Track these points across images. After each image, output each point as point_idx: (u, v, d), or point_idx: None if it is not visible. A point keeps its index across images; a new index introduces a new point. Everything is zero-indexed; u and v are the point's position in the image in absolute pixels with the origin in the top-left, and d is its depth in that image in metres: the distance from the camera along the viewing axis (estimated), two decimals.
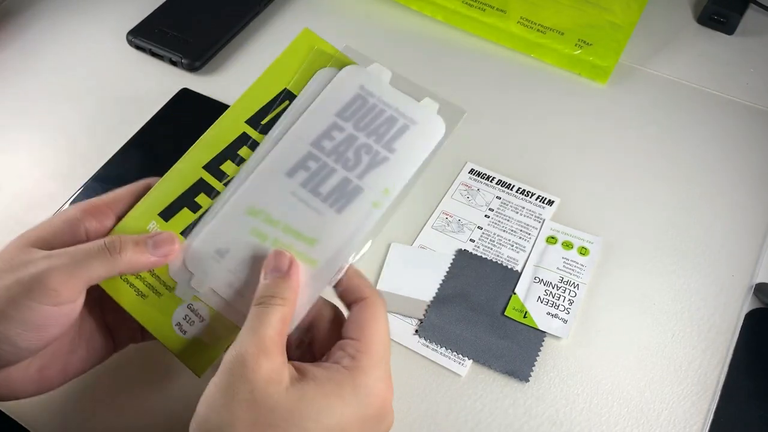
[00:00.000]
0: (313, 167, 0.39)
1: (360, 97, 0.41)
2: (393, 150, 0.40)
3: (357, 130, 0.40)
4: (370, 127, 0.40)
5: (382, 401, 0.34)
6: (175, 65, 0.62)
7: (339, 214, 0.38)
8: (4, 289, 0.32)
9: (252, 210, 0.39)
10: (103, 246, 0.35)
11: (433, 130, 0.40)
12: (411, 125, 0.40)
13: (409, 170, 0.39)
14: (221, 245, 0.38)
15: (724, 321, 0.46)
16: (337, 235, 0.38)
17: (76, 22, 0.67)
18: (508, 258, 0.49)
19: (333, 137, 0.40)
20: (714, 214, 0.52)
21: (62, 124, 0.58)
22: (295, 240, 0.38)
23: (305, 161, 0.39)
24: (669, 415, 0.42)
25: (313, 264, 0.37)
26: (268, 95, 0.42)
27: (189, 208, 0.39)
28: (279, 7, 0.68)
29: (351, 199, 0.39)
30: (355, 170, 0.39)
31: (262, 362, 0.31)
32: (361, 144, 0.40)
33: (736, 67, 0.62)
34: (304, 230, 0.38)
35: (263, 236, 0.38)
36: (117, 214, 0.38)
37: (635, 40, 0.63)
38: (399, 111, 0.41)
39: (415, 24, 0.66)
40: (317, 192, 0.39)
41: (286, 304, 0.34)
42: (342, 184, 0.39)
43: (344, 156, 0.40)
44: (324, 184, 0.39)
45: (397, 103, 0.41)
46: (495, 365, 0.44)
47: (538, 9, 0.64)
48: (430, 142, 0.40)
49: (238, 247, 0.38)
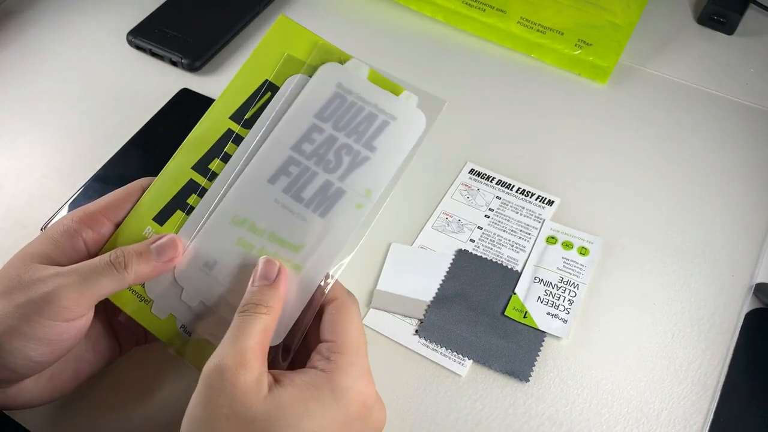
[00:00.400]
0: (294, 172, 0.39)
1: (338, 95, 0.40)
2: (373, 148, 0.39)
3: (336, 130, 0.40)
4: (350, 126, 0.40)
5: (363, 398, 0.34)
6: (175, 65, 0.62)
7: (323, 218, 0.38)
8: (17, 307, 0.33)
9: (236, 219, 0.39)
10: (108, 263, 0.35)
11: (413, 124, 0.40)
12: (391, 121, 0.40)
13: (391, 168, 0.39)
14: (208, 258, 0.38)
15: (724, 321, 0.46)
16: (321, 240, 0.38)
17: (76, 22, 0.67)
18: (508, 258, 0.49)
19: (313, 140, 0.40)
20: (714, 214, 0.52)
21: (62, 124, 0.58)
22: (281, 247, 0.38)
23: (286, 166, 0.39)
24: (669, 415, 0.42)
25: (299, 270, 0.37)
26: (250, 88, 0.41)
27: (182, 210, 0.39)
28: (279, 8, 0.68)
29: (333, 203, 0.39)
30: (336, 172, 0.39)
31: (240, 374, 0.31)
32: (341, 144, 0.39)
33: (736, 67, 0.62)
34: (288, 237, 0.38)
35: (250, 246, 0.38)
36: (112, 220, 0.39)
37: (635, 40, 0.63)
38: (378, 107, 0.40)
39: (415, 24, 0.66)
40: (299, 197, 0.39)
41: (270, 312, 0.34)
42: (324, 187, 0.39)
43: (325, 158, 0.39)
44: (306, 188, 0.39)
45: (376, 99, 0.40)
46: (495, 365, 0.44)
47: (538, 9, 0.64)
48: (411, 138, 0.40)
49: (226, 258, 0.38)
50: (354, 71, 0.41)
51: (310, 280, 0.37)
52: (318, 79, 0.41)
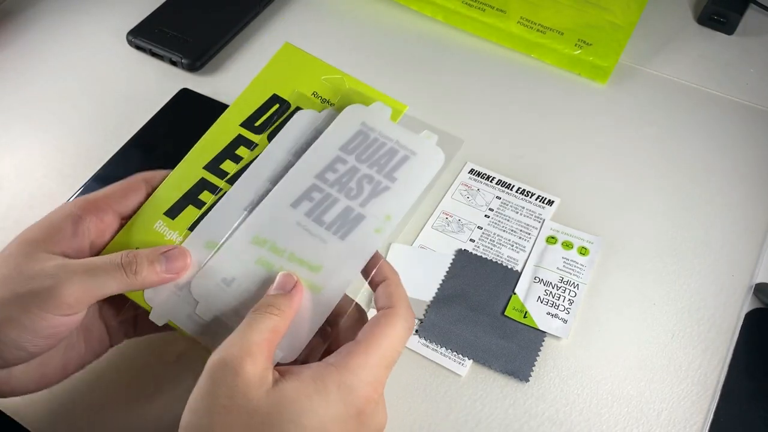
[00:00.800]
0: (317, 198, 0.40)
1: (362, 132, 0.42)
2: (394, 179, 0.41)
3: (359, 162, 0.41)
4: (372, 159, 0.42)
5: (364, 401, 0.33)
6: (175, 65, 0.62)
7: (342, 240, 0.39)
8: (17, 297, 0.33)
9: (257, 239, 0.39)
10: (119, 264, 0.35)
11: (432, 160, 0.41)
12: (411, 156, 0.42)
13: (410, 197, 0.40)
14: (227, 275, 0.39)
15: (724, 321, 0.46)
16: (340, 262, 0.39)
17: (77, 22, 0.67)
18: (508, 258, 0.49)
19: (336, 169, 0.41)
20: (714, 214, 0.52)
21: (62, 124, 0.58)
22: (300, 267, 0.38)
23: (309, 192, 0.41)
24: (669, 415, 0.42)
25: (318, 290, 0.38)
26: (259, 101, 0.43)
27: (194, 205, 0.40)
28: (279, 8, 0.68)
29: (354, 227, 0.40)
30: (358, 199, 0.40)
31: (244, 365, 0.31)
32: (363, 175, 0.41)
33: (736, 67, 0.62)
34: (308, 258, 0.39)
35: (269, 265, 0.39)
36: (116, 210, 0.38)
37: (635, 40, 0.63)
38: (399, 143, 0.42)
39: (415, 24, 0.66)
40: (321, 221, 0.40)
41: (281, 315, 0.34)
42: (345, 212, 0.40)
43: (347, 186, 0.41)
44: (327, 213, 0.40)
45: (398, 136, 0.42)
46: (495, 365, 0.44)
47: (538, 9, 0.64)
48: (430, 172, 0.41)
49: (245, 275, 0.39)
50: (377, 112, 0.43)
51: (327, 300, 0.38)
52: (343, 118, 0.43)
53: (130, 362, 0.43)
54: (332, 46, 0.64)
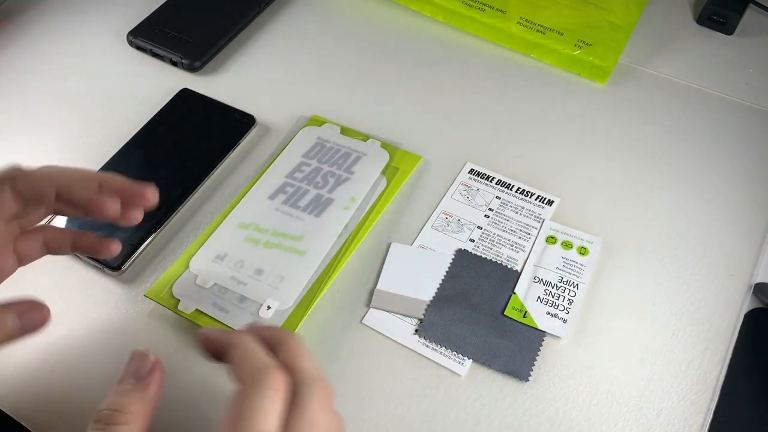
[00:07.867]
0: (290, 191, 0.51)
1: (319, 143, 0.54)
2: (352, 172, 0.52)
3: (321, 163, 0.53)
4: (332, 160, 0.53)
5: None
6: (175, 65, 0.62)
7: (318, 217, 0.49)
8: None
9: (243, 224, 0.49)
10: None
11: (380, 157, 0.53)
12: (363, 156, 0.53)
13: (368, 184, 0.51)
14: (219, 252, 0.48)
15: (724, 321, 0.46)
16: (319, 230, 0.48)
17: (77, 22, 0.67)
18: (507, 258, 0.49)
19: (303, 170, 0.52)
20: (714, 214, 0.52)
21: (62, 124, 0.58)
22: (284, 239, 0.48)
23: (283, 188, 0.51)
24: (668, 415, 0.42)
25: (302, 254, 0.47)
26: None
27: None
28: (279, 8, 0.68)
29: (325, 207, 0.50)
30: (325, 188, 0.51)
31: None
32: (326, 171, 0.52)
33: (735, 67, 0.62)
34: (290, 231, 0.48)
35: (256, 240, 0.48)
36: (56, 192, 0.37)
37: (635, 40, 0.63)
38: (351, 148, 0.54)
39: (415, 24, 0.66)
40: (297, 206, 0.50)
41: (133, 421, 0.28)
42: (316, 198, 0.50)
43: (314, 180, 0.51)
44: (301, 200, 0.50)
45: (349, 144, 0.54)
46: (495, 365, 0.44)
47: (538, 9, 0.64)
48: (379, 166, 0.53)
49: (235, 250, 0.48)
50: (328, 129, 0.55)
51: (311, 260, 0.47)
52: (301, 135, 0.55)
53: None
54: (332, 46, 0.64)
